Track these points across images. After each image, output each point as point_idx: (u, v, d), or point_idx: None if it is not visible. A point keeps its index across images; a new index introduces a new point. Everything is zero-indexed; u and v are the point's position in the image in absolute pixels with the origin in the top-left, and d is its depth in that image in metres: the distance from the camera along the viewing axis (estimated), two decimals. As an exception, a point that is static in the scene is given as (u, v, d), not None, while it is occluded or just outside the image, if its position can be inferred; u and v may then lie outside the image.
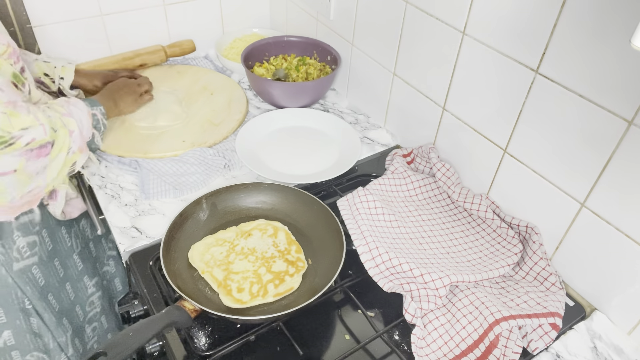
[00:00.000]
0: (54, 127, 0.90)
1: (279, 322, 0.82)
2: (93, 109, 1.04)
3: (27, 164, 0.87)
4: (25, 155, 0.86)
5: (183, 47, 1.49)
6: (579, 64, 0.76)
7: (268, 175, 1.08)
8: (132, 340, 0.69)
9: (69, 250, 1.13)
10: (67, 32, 1.33)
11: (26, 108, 0.86)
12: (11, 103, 0.83)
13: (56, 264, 1.09)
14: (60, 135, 0.92)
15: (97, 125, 1.05)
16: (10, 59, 0.91)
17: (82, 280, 1.17)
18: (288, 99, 1.29)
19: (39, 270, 1.03)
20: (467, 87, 0.98)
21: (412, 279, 0.85)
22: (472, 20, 0.92)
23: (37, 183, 0.92)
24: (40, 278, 1.04)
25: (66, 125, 0.94)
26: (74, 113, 0.97)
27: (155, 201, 1.04)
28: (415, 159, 1.13)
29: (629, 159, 0.74)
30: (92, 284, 1.21)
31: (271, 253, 0.91)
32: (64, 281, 1.11)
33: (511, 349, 0.76)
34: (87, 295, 1.19)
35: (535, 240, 0.90)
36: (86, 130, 1.00)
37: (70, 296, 1.13)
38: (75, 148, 0.96)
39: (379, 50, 1.21)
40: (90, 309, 1.20)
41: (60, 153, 0.93)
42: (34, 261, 1.02)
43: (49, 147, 0.90)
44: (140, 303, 0.89)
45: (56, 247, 1.08)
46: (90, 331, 1.21)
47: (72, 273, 1.14)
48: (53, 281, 1.08)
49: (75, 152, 0.96)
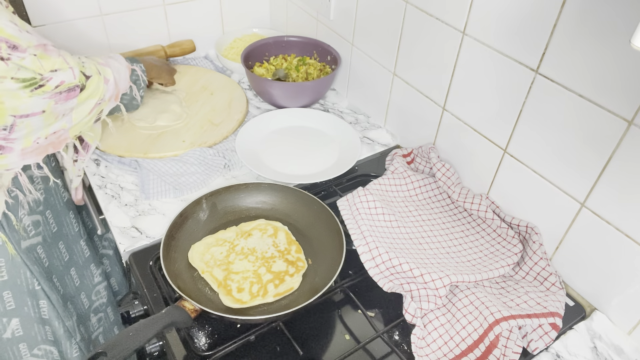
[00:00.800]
0: (85, 72, 0.91)
1: (279, 322, 0.82)
2: (133, 65, 1.08)
3: (55, 106, 0.88)
4: (54, 97, 0.87)
5: (183, 47, 1.49)
6: (579, 64, 0.76)
7: (268, 175, 1.08)
8: (132, 340, 0.69)
9: (76, 236, 1.13)
10: (67, 32, 1.33)
11: (57, 52, 0.87)
12: (41, 46, 0.84)
13: (61, 247, 1.08)
14: (93, 82, 0.93)
15: (137, 81, 1.08)
16: None
17: (88, 268, 1.17)
18: (288, 99, 1.29)
19: (43, 250, 1.03)
20: (467, 87, 0.98)
21: (412, 279, 0.85)
22: (472, 20, 0.92)
23: (61, 124, 0.92)
24: (44, 258, 1.04)
25: (101, 73, 0.95)
26: (112, 64, 1.00)
27: (155, 201, 1.04)
28: (415, 159, 1.13)
29: (629, 159, 0.74)
30: (99, 272, 1.20)
31: (271, 253, 0.91)
32: (69, 266, 1.11)
33: (511, 349, 0.76)
34: (94, 283, 1.18)
35: (535, 240, 0.90)
36: (123, 82, 1.03)
37: (75, 282, 1.13)
38: (107, 96, 0.98)
39: (379, 50, 1.21)
40: (96, 298, 1.19)
41: (90, 99, 0.94)
42: (39, 240, 1.02)
43: (77, 91, 0.90)
44: (140, 303, 0.89)
45: (62, 230, 1.09)
46: (96, 321, 1.20)
47: (78, 259, 1.14)
48: (57, 264, 1.07)
49: (106, 101, 0.99)
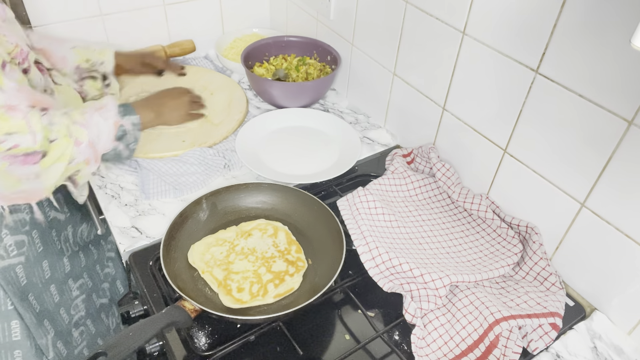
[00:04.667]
0: (50, 137, 0.86)
1: (279, 322, 0.82)
2: (123, 119, 0.98)
3: (10, 168, 0.85)
4: (7, 159, 0.84)
5: (183, 47, 1.49)
6: (579, 64, 0.76)
7: (268, 175, 1.08)
8: (132, 340, 0.69)
9: (60, 253, 1.11)
10: (67, 32, 1.33)
11: (24, 113, 0.83)
12: (6, 107, 0.81)
13: (44, 266, 1.06)
14: (57, 146, 0.87)
15: (124, 137, 0.99)
16: (16, 59, 0.90)
17: (66, 283, 1.14)
18: (288, 99, 1.29)
19: (22, 269, 1.01)
20: (467, 87, 0.98)
21: (412, 279, 0.85)
22: (472, 20, 0.92)
23: (31, 186, 0.89)
24: (22, 277, 1.01)
25: (72, 135, 0.89)
26: (92, 124, 0.93)
27: (155, 201, 1.04)
28: (415, 159, 1.13)
29: (629, 159, 0.74)
30: (77, 286, 1.18)
31: (271, 253, 0.91)
32: (49, 283, 1.09)
33: (511, 349, 0.76)
34: (72, 298, 1.16)
35: (535, 240, 0.90)
36: (104, 142, 0.95)
37: (55, 298, 1.11)
38: (81, 159, 0.91)
39: (379, 50, 1.21)
40: (75, 312, 1.17)
41: (57, 163, 0.89)
42: (20, 260, 1.00)
43: (37, 156, 0.86)
44: (140, 303, 0.89)
45: (47, 249, 1.06)
46: (78, 335, 1.18)
47: (59, 275, 1.11)
48: (36, 281, 1.05)
49: (80, 163, 0.92)
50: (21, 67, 0.92)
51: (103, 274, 1.30)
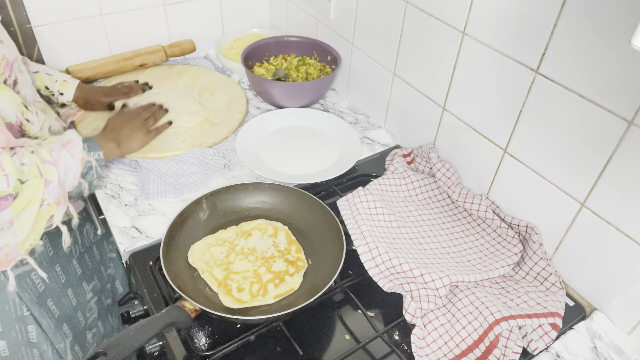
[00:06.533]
0: (22, 178, 0.82)
1: (279, 322, 0.82)
2: (90, 154, 0.94)
3: None
4: None
5: (183, 47, 1.49)
6: (579, 64, 0.76)
7: (268, 175, 1.08)
8: (132, 340, 0.69)
9: (69, 256, 1.11)
10: (67, 32, 1.33)
11: None
12: None
13: (57, 270, 1.07)
14: (29, 187, 0.83)
15: (88, 173, 0.94)
16: (4, 74, 0.88)
17: (81, 286, 1.16)
18: (288, 99, 1.29)
19: (38, 276, 1.00)
20: (467, 87, 0.98)
21: (412, 279, 0.85)
22: (472, 20, 0.92)
23: (5, 241, 0.85)
24: (39, 284, 1.01)
25: (43, 175, 0.85)
26: (61, 161, 0.89)
27: (155, 201, 1.04)
28: (415, 159, 1.13)
29: (629, 159, 0.74)
30: (90, 288, 1.19)
31: (271, 253, 0.91)
32: (66, 287, 1.09)
33: (511, 349, 0.76)
34: (87, 300, 1.17)
35: (535, 240, 0.90)
36: (70, 180, 0.91)
37: (72, 302, 1.11)
38: (50, 200, 0.87)
39: (379, 50, 1.21)
40: (89, 314, 1.18)
41: (30, 206, 0.84)
42: (35, 267, 0.99)
43: (9, 200, 0.81)
44: (140, 303, 0.89)
45: (58, 253, 1.07)
46: (91, 337, 1.19)
47: (73, 278, 1.12)
48: (54, 287, 1.06)
49: (51, 205, 0.87)
50: (10, 79, 0.90)
51: (107, 275, 1.30)
